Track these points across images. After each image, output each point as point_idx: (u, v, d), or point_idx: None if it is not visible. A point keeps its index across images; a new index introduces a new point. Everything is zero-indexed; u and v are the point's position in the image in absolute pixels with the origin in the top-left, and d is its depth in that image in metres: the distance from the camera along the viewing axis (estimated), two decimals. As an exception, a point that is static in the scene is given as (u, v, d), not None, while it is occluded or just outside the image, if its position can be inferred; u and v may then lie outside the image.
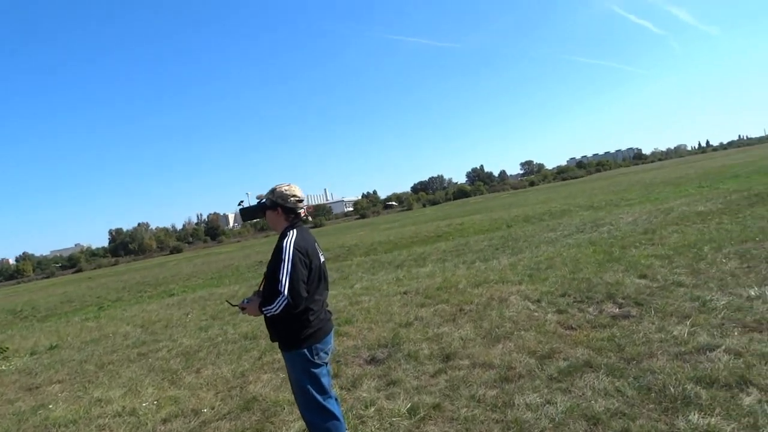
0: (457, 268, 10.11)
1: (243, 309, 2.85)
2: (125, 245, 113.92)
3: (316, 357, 2.85)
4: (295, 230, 2.89)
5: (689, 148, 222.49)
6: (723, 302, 4.91)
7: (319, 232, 65.70)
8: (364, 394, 4.11)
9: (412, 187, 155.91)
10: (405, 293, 8.11)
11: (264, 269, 2.94)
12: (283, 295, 2.67)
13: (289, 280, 2.69)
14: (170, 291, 21.35)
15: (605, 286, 6.28)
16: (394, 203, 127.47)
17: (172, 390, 5.04)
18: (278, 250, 2.79)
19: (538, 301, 6.14)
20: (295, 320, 2.79)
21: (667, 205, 15.60)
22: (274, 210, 2.94)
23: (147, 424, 4.26)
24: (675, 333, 4.28)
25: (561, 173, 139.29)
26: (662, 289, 5.79)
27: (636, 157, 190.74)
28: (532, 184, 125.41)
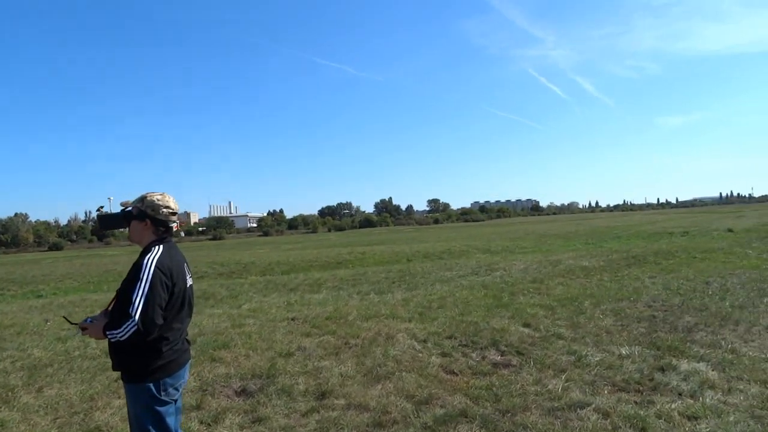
0: (351, 299, 9.90)
1: (84, 329, 2.44)
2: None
3: (163, 393, 2.47)
4: (161, 246, 2.54)
5: (581, 206, 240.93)
6: (597, 358, 5.06)
7: (219, 246, 63.20)
8: (225, 432, 3.73)
9: (319, 211, 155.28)
10: (293, 320, 7.75)
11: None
12: (133, 320, 2.29)
13: (143, 303, 2.32)
14: (38, 292, 19.35)
15: (491, 331, 6.32)
16: (299, 224, 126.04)
17: (2, 412, 4.32)
18: (137, 268, 2.42)
19: (425, 341, 6.05)
20: (143, 349, 2.40)
21: (557, 257, 16.43)
22: (142, 221, 2.58)
23: (-44, 452, 3.59)
24: (550, 387, 4.31)
25: (464, 215, 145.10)
26: (543, 339, 5.91)
27: (533, 208, 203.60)
28: (436, 221, 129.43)
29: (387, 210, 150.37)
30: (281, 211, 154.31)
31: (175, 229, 2.69)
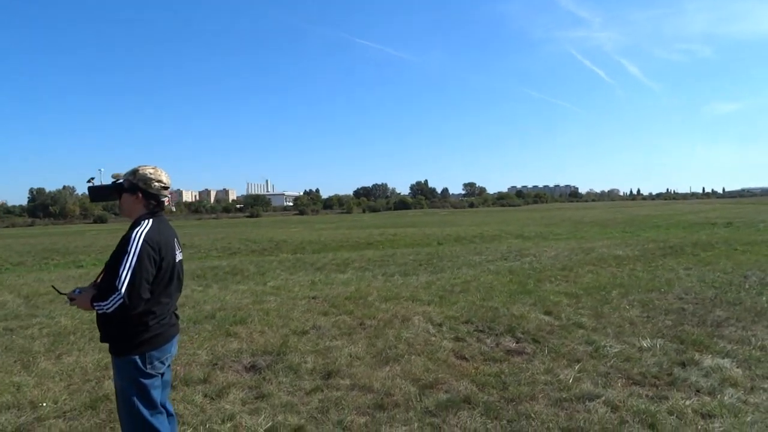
0: (375, 279, 9.88)
1: (72, 300, 2.45)
2: (45, 207, 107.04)
3: (148, 366, 2.47)
4: (151, 220, 2.52)
5: (621, 194, 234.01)
6: (615, 350, 4.88)
7: (255, 223, 64.25)
8: (227, 406, 3.75)
9: (354, 192, 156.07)
10: (313, 298, 7.78)
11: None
12: (119, 293, 2.29)
13: (129, 276, 2.32)
14: (78, 262, 20.07)
15: (509, 318, 6.19)
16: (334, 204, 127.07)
17: (19, 375, 4.48)
18: (125, 241, 2.41)
19: (440, 325, 5.97)
20: (130, 322, 2.41)
21: (590, 244, 16.02)
22: (133, 194, 2.56)
23: (-29, 413, 3.73)
24: (561, 377, 4.18)
25: (500, 199, 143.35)
26: (562, 328, 5.75)
27: (572, 194, 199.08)
28: (471, 205, 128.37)
29: (422, 192, 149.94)
30: (317, 190, 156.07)
31: (166, 204, 2.67)
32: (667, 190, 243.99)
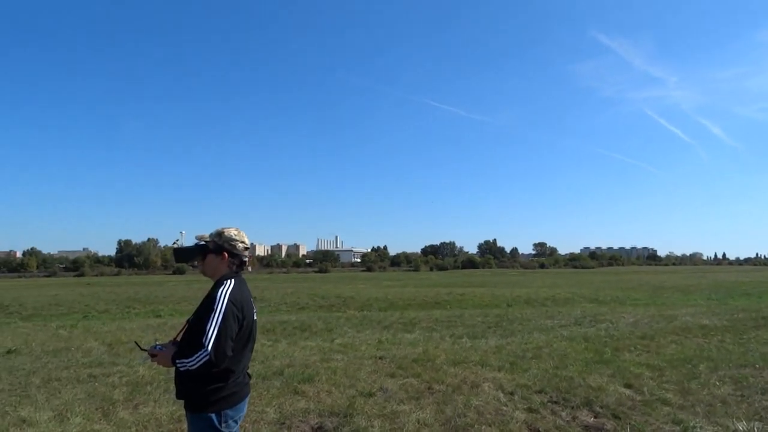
0: (443, 341, 9.70)
1: (153, 356, 2.57)
2: (131, 257, 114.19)
3: (223, 425, 2.52)
4: (233, 281, 2.64)
5: (705, 257, 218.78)
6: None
7: (323, 278, 65.20)
8: (295, 468, 3.73)
9: (422, 249, 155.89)
10: (380, 358, 7.71)
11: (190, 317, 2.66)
12: (206, 350, 2.38)
13: (216, 333, 2.41)
14: (158, 311, 21.01)
15: (586, 389, 5.86)
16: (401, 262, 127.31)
17: (99, 424, 4.67)
18: (210, 300, 2.53)
19: (512, 393, 5.73)
20: (209, 379, 2.48)
21: (673, 311, 15.07)
22: (219, 255, 2.70)
23: (56, 458, 3.91)
24: (646, 459, 3.87)
25: (572, 260, 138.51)
26: (645, 404, 5.36)
27: (650, 257, 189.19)
28: (542, 266, 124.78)
29: (491, 251, 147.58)
30: (385, 247, 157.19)
31: (246, 266, 2.79)
32: (757, 254, 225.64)
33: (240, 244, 2.71)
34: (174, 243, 2.86)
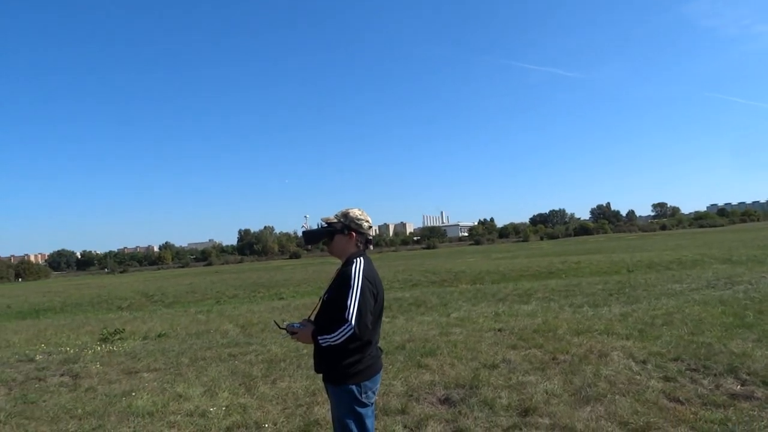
0: (562, 311, 9.40)
1: (293, 333, 2.73)
2: (251, 245, 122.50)
3: (363, 396, 2.64)
4: (362, 258, 2.74)
5: None
6: None
7: (431, 254, 65.61)
8: (427, 438, 3.83)
9: (530, 219, 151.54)
10: (499, 330, 7.66)
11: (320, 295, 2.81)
12: (350, 324, 2.50)
13: (357, 308, 2.53)
14: (280, 294, 22.35)
15: (728, 355, 5.42)
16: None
17: (244, 397, 5.09)
18: (346, 277, 2.64)
19: (644, 362, 5.44)
20: (349, 353, 2.60)
21: (826, 268, 13.45)
22: (346, 235, 2.80)
23: (211, 429, 4.31)
24: (810, 430, 3.53)
25: (698, 219, 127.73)
26: (802, 370, 4.87)
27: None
28: (663, 228, 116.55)
29: (604, 216, 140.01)
30: (492, 219, 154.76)
31: (371, 243, 2.88)
32: None
33: (365, 223, 2.81)
34: (303, 226, 3.01)
